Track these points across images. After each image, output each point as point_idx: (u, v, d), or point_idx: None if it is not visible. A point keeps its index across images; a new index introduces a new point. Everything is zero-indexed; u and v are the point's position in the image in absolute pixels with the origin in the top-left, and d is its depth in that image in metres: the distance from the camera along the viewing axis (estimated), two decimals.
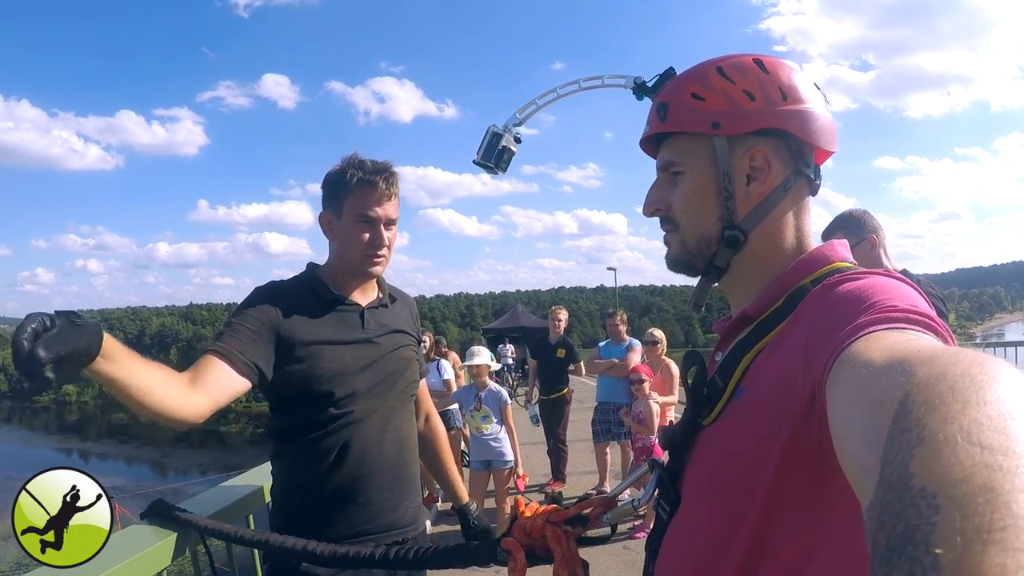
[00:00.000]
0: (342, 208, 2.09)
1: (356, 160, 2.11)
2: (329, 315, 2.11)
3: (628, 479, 1.40)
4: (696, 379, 1.09)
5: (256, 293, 2.09)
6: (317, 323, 2.08)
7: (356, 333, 2.13)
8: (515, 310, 52.06)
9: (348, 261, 2.13)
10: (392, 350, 2.20)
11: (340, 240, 2.13)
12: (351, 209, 2.08)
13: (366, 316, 2.17)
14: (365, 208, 2.07)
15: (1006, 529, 0.36)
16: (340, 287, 2.16)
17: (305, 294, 2.12)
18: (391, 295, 2.31)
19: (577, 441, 8.53)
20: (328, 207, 2.15)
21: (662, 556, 1.08)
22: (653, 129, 1.16)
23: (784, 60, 1.12)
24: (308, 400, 2.03)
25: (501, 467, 6.14)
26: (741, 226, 1.08)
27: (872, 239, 3.21)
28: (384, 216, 2.10)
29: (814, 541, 0.87)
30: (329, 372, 2.03)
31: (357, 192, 2.07)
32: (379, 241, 2.09)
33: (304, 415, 2.05)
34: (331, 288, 2.14)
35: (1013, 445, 0.42)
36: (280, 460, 2.15)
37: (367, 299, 2.22)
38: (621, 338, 7.76)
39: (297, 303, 2.07)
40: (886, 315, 0.77)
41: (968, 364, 0.53)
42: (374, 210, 2.07)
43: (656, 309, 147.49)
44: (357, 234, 2.08)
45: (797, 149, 1.08)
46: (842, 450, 0.66)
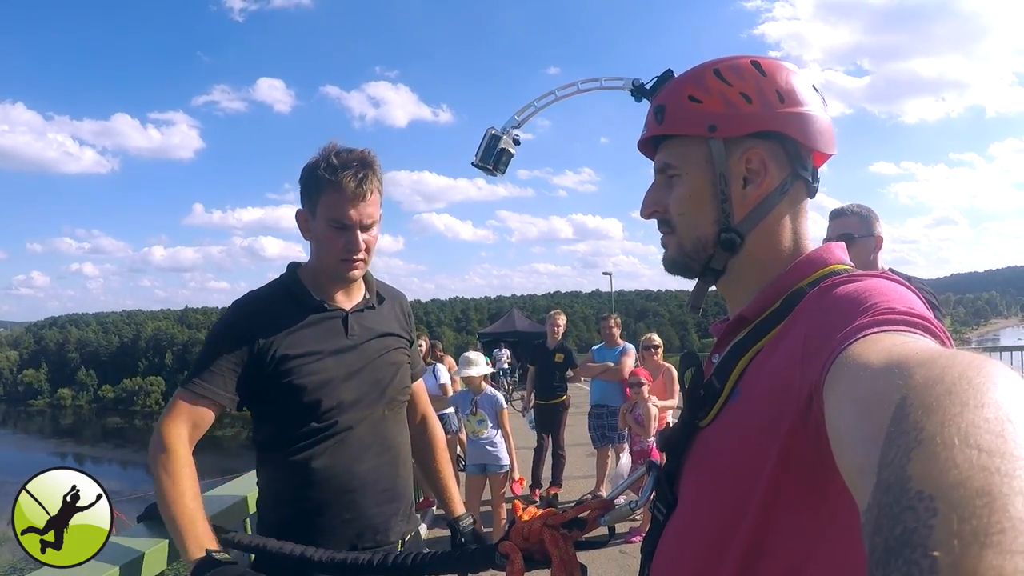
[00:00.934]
0: (316, 208, 1.94)
1: (331, 153, 1.92)
2: (310, 323, 1.98)
3: (624, 482, 1.40)
4: (693, 381, 1.09)
5: (232, 312, 2.00)
6: (298, 334, 1.95)
7: (340, 340, 2.01)
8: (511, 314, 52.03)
9: (325, 266, 2.00)
10: (379, 355, 2.08)
11: (316, 242, 2.00)
12: (323, 212, 1.92)
13: (350, 321, 2.04)
14: (338, 213, 1.90)
15: (1003, 532, 0.36)
16: (322, 290, 2.03)
17: (285, 302, 2.00)
18: (379, 294, 2.17)
19: (572, 446, 8.52)
20: (304, 204, 1.99)
21: (658, 558, 1.08)
22: (650, 131, 1.16)
23: (782, 62, 1.12)
24: (291, 414, 1.94)
25: (497, 471, 6.13)
26: (737, 229, 1.08)
27: (880, 239, 3.19)
28: (358, 220, 1.91)
29: (812, 543, 0.87)
30: (312, 384, 1.92)
31: (329, 193, 1.90)
32: (354, 247, 1.93)
33: (288, 429, 1.95)
34: (312, 293, 2.01)
35: (1010, 448, 0.42)
36: (265, 473, 2.06)
37: (352, 301, 2.09)
38: (615, 342, 7.76)
39: (276, 314, 1.96)
40: (884, 317, 0.77)
41: (965, 367, 0.53)
42: (348, 215, 1.90)
43: (652, 314, 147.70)
44: (331, 239, 1.93)
45: (794, 152, 1.07)
46: (839, 452, 0.66)
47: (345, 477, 1.97)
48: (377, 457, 2.03)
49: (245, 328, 1.92)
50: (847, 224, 3.19)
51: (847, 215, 3.23)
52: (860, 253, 3.12)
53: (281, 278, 2.08)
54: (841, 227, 3.19)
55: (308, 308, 1.99)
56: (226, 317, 1.99)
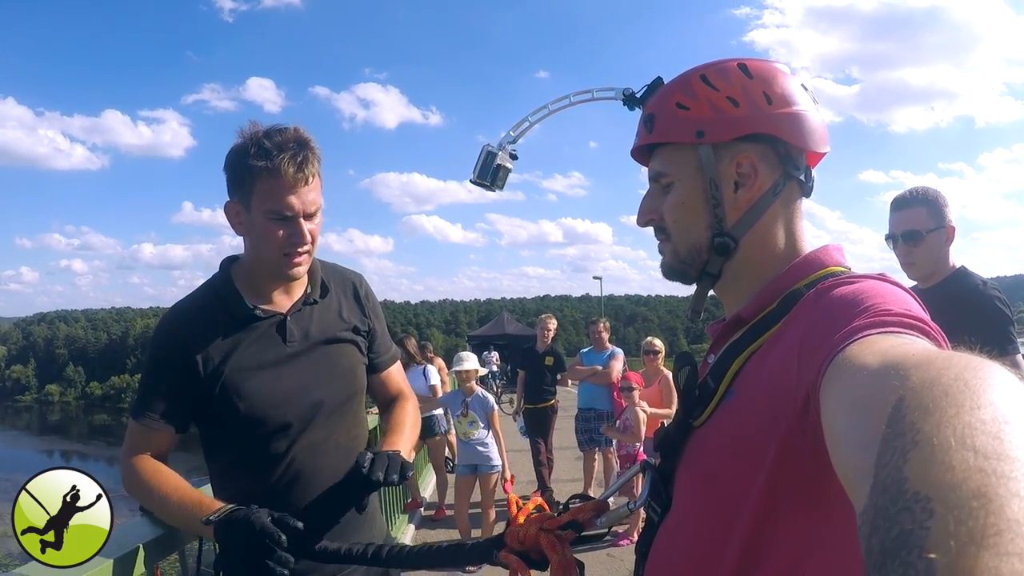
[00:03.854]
0: (249, 200, 1.71)
1: (259, 135, 1.70)
2: (245, 333, 1.79)
3: (616, 484, 1.40)
4: (688, 381, 1.10)
5: (161, 330, 1.82)
6: (232, 347, 1.76)
7: (278, 350, 1.81)
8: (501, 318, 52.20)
9: (264, 263, 1.79)
10: (324, 360, 1.87)
11: (251, 237, 1.78)
12: (260, 203, 1.70)
13: (289, 326, 1.82)
14: (277, 203, 1.68)
15: (1000, 534, 0.36)
16: (257, 291, 1.82)
17: (216, 310, 1.79)
18: (323, 283, 1.93)
19: (560, 449, 8.52)
20: (233, 195, 1.76)
21: (652, 558, 1.08)
22: (641, 141, 1.17)
23: (771, 63, 1.12)
24: (236, 436, 1.78)
25: (487, 471, 6.13)
26: (731, 232, 1.08)
27: (952, 229, 2.88)
28: (301, 208, 1.70)
29: (809, 544, 0.87)
30: (252, 404, 1.75)
31: (264, 180, 1.67)
32: (299, 239, 1.72)
33: (235, 453, 1.80)
34: (244, 297, 1.80)
35: (1007, 450, 0.42)
36: (219, 493, 1.84)
37: (291, 299, 1.87)
38: (603, 346, 7.76)
39: (207, 326, 1.77)
40: (880, 319, 0.77)
41: (962, 368, 0.53)
42: (288, 203, 1.68)
43: (641, 319, 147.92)
44: (270, 232, 1.71)
45: (785, 152, 1.07)
46: (836, 453, 0.66)
47: (299, 493, 1.78)
48: (332, 470, 1.80)
49: (175, 346, 1.76)
50: (914, 218, 2.88)
51: (913, 205, 2.90)
52: (931, 249, 2.88)
53: (212, 280, 1.88)
54: (907, 222, 2.90)
55: (241, 316, 1.80)
56: (156, 336, 1.83)
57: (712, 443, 1.01)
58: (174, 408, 1.76)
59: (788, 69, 1.11)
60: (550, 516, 1.36)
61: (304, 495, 1.78)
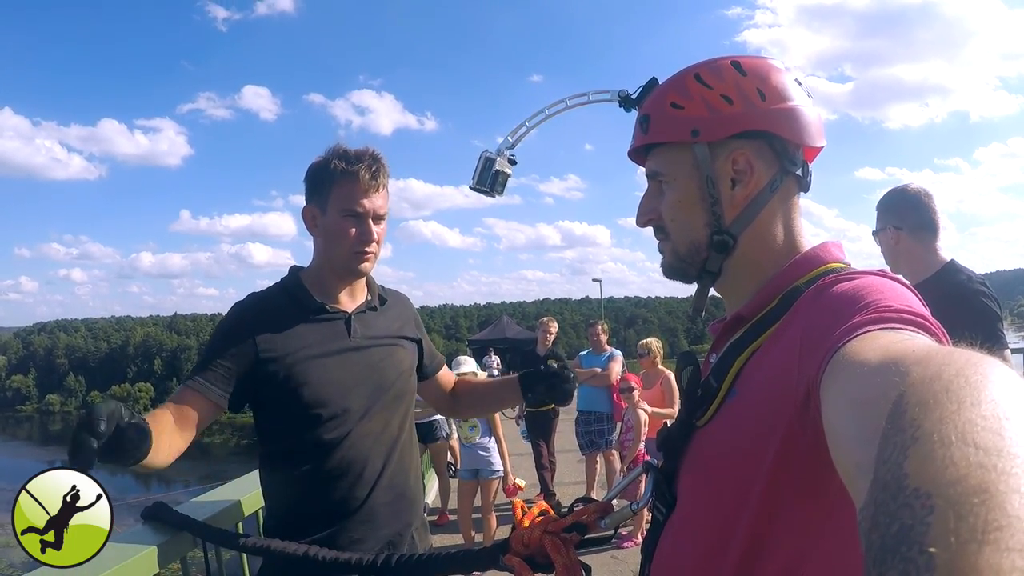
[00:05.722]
0: (327, 202, 1.94)
1: (340, 150, 1.96)
2: (313, 325, 1.96)
3: (619, 485, 1.40)
4: (690, 380, 1.10)
5: (233, 313, 1.98)
6: (300, 336, 1.93)
7: (343, 342, 1.98)
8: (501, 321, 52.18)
9: (334, 259, 1.97)
10: (384, 358, 2.05)
11: (325, 236, 1.97)
12: (336, 203, 1.92)
13: (353, 323, 2.01)
14: (351, 202, 1.91)
15: (1001, 530, 0.36)
16: (325, 291, 2.01)
17: (286, 304, 1.98)
18: (382, 296, 2.15)
19: (562, 452, 8.51)
20: (312, 201, 1.98)
21: (658, 558, 1.08)
22: (637, 142, 1.17)
23: (764, 59, 1.12)
24: (295, 416, 1.90)
25: (489, 476, 6.12)
26: (729, 230, 1.09)
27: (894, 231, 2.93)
28: (372, 209, 1.93)
29: (811, 540, 0.87)
30: (315, 386, 1.89)
31: (342, 184, 1.91)
32: (367, 236, 1.93)
33: (292, 432, 1.91)
34: (314, 295, 1.99)
35: (1008, 446, 0.42)
36: (271, 477, 2.02)
37: (355, 303, 2.06)
38: (602, 348, 7.74)
39: (277, 316, 1.94)
40: (881, 315, 0.77)
41: (963, 364, 0.53)
42: (361, 203, 1.91)
43: (641, 320, 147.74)
44: (343, 229, 1.92)
45: (781, 148, 1.08)
46: (836, 449, 0.66)
47: (357, 489, 1.94)
48: (384, 459, 1.99)
49: (246, 328, 1.90)
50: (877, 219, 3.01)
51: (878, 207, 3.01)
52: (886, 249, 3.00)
53: (282, 281, 2.07)
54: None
55: (310, 309, 1.98)
56: (228, 317, 1.97)
57: (715, 443, 1.01)
58: (220, 380, 1.85)
59: (782, 65, 1.12)
60: (554, 519, 1.36)
61: (356, 483, 1.93)
